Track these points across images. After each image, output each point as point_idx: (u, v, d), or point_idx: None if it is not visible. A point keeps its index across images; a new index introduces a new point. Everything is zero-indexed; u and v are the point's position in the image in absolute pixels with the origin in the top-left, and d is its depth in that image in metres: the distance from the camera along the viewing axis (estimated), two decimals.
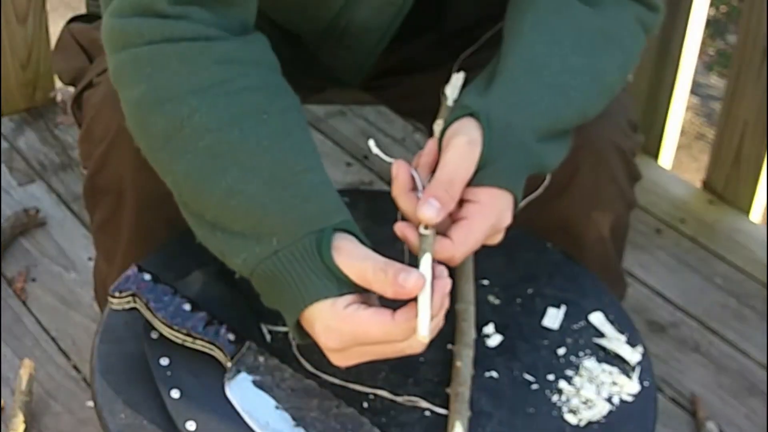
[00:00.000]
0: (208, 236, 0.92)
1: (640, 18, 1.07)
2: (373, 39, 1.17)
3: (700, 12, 2.16)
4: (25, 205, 2.06)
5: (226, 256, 0.91)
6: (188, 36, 0.94)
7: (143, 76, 0.93)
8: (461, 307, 0.99)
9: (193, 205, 0.93)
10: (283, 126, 0.94)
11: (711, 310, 1.95)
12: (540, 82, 0.99)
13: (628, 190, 1.20)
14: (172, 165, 0.93)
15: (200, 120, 0.91)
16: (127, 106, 0.96)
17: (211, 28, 0.95)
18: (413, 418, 0.90)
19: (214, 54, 0.94)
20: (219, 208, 0.90)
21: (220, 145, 0.91)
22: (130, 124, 0.96)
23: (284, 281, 0.87)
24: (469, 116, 0.94)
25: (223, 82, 0.93)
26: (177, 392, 0.89)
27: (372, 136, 2.39)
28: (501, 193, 0.92)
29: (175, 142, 0.92)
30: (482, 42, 1.18)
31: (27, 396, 1.62)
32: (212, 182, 0.90)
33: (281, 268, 0.87)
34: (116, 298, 0.93)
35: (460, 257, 0.90)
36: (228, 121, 0.92)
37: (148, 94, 0.93)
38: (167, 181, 0.95)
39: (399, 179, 0.93)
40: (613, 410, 0.93)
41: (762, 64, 2.06)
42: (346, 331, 0.85)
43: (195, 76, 0.93)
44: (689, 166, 2.60)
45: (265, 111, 0.93)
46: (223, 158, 0.91)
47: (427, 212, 0.88)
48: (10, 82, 2.33)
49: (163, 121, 0.92)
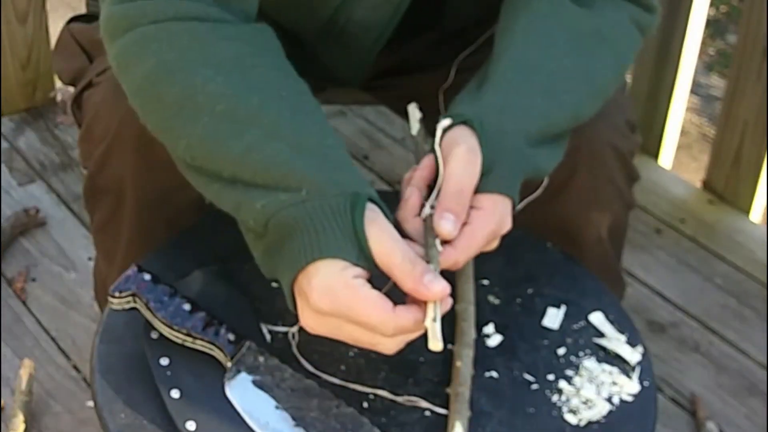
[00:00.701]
0: (224, 190, 0.88)
1: (635, 19, 1.07)
2: (371, 38, 1.17)
3: (700, 12, 2.16)
4: (25, 205, 2.06)
5: (242, 206, 0.87)
6: (196, 15, 0.92)
7: (150, 51, 0.91)
8: (461, 307, 0.99)
9: (209, 166, 0.89)
10: (301, 105, 0.91)
11: (711, 310, 1.95)
12: (531, 86, 0.98)
13: (626, 190, 1.21)
14: (186, 129, 0.89)
15: (216, 88, 0.89)
16: (135, 82, 0.93)
17: (215, 8, 0.93)
18: (413, 418, 0.90)
19: (225, 32, 0.92)
20: (239, 164, 0.87)
21: (237, 110, 0.88)
22: (136, 100, 0.93)
23: (304, 229, 0.83)
24: (463, 124, 0.94)
25: (237, 57, 0.91)
26: (177, 392, 0.89)
27: (372, 136, 2.39)
28: (501, 198, 0.92)
29: (189, 108, 0.89)
30: (481, 42, 1.18)
31: (27, 396, 1.62)
32: (231, 142, 0.87)
33: (306, 216, 0.83)
34: (116, 298, 0.93)
35: (463, 262, 0.91)
36: (245, 89, 0.89)
37: (158, 67, 0.91)
38: (178, 146, 0.90)
39: (410, 203, 0.92)
40: (613, 410, 0.93)
41: (762, 64, 2.06)
42: (343, 299, 0.82)
43: (207, 51, 0.91)
44: (689, 166, 2.60)
45: (282, 88, 0.91)
46: (242, 121, 0.87)
47: (446, 227, 0.88)
48: (10, 82, 2.33)
49: (175, 90, 0.90)
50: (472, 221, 0.91)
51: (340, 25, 1.15)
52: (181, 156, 0.91)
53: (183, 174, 0.92)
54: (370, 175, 2.26)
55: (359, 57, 1.20)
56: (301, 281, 0.84)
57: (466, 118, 0.94)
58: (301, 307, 0.85)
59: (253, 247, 0.88)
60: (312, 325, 0.85)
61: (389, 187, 2.23)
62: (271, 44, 0.96)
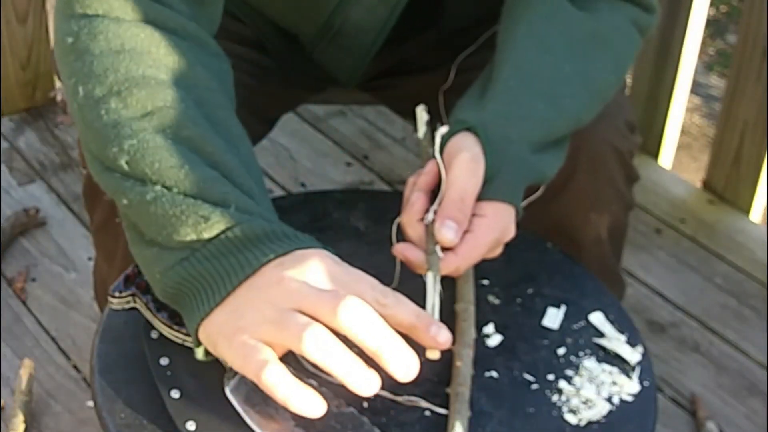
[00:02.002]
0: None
1: (634, 20, 1.07)
2: (367, 39, 1.17)
3: (700, 12, 2.16)
4: (25, 205, 2.07)
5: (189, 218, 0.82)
6: (173, 28, 0.91)
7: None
8: (461, 307, 0.99)
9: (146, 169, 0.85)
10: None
11: (711, 310, 1.95)
12: (534, 92, 0.99)
13: (625, 191, 1.21)
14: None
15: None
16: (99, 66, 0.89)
17: (192, 22, 0.92)
18: (413, 418, 0.90)
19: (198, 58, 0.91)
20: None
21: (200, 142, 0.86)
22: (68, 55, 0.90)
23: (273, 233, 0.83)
24: (466, 131, 0.94)
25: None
26: (177, 392, 0.89)
27: (372, 136, 2.39)
28: (504, 206, 0.92)
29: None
30: (481, 42, 1.18)
31: (27, 396, 1.62)
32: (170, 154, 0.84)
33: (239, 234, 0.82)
34: (116, 298, 0.93)
35: (464, 269, 0.91)
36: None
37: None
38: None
39: (414, 208, 0.92)
40: (613, 410, 0.93)
41: (762, 64, 2.06)
42: (341, 272, 0.81)
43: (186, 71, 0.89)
44: (689, 166, 2.60)
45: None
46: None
47: (448, 235, 0.88)
48: (10, 82, 2.33)
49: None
50: (475, 229, 0.91)
51: (337, 26, 1.15)
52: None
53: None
54: (370, 175, 2.26)
55: (357, 58, 1.20)
56: (285, 267, 0.81)
57: (470, 125, 0.94)
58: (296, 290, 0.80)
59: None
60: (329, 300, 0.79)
61: (389, 187, 2.23)
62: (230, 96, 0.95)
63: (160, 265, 0.84)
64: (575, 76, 1.01)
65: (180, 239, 0.82)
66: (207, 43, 0.94)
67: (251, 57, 1.24)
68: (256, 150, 0.96)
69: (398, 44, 1.22)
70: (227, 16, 1.24)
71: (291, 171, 2.25)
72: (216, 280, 0.81)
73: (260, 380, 0.78)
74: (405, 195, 0.96)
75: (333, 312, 0.77)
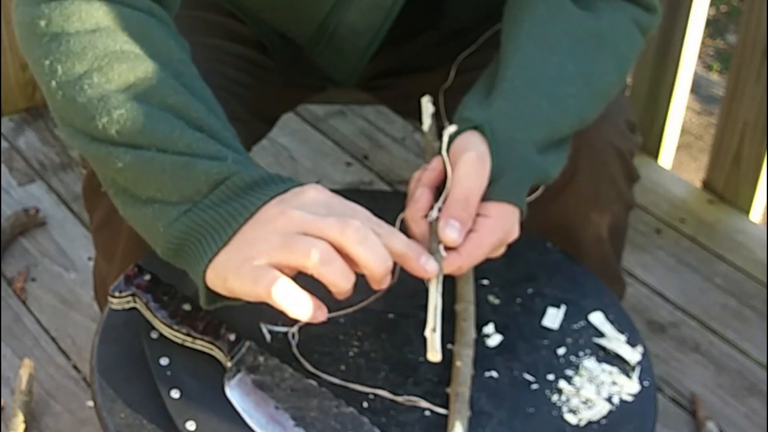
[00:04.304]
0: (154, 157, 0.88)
1: (636, 19, 1.07)
2: (363, 41, 1.17)
3: (700, 11, 2.16)
4: (25, 205, 2.07)
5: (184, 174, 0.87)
6: (138, 6, 0.93)
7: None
8: (461, 307, 0.99)
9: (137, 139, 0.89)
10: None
11: (711, 310, 1.95)
12: (539, 92, 0.98)
13: (626, 191, 1.21)
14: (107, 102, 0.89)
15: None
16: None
17: (155, 4, 0.95)
18: (413, 418, 0.90)
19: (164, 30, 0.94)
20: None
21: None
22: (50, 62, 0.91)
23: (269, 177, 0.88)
24: (473, 129, 0.94)
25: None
26: (177, 392, 0.89)
27: (372, 136, 2.39)
28: (510, 207, 0.92)
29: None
30: (480, 42, 1.18)
31: (27, 396, 1.63)
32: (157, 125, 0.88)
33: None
34: (116, 298, 0.93)
35: (467, 268, 0.91)
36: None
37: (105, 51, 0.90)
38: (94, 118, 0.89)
39: (419, 204, 0.93)
40: (613, 410, 0.93)
41: (762, 64, 2.06)
42: (338, 203, 0.86)
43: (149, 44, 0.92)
44: (689, 166, 2.60)
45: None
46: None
47: (451, 234, 0.89)
48: (10, 82, 2.33)
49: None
50: (479, 229, 0.91)
51: (331, 30, 1.16)
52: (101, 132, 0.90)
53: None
54: (370, 175, 2.26)
55: (353, 60, 1.20)
56: (281, 205, 0.86)
57: (477, 124, 0.94)
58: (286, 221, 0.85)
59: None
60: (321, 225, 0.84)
61: (389, 187, 2.23)
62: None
63: (163, 220, 0.87)
64: (579, 75, 1.01)
65: (181, 193, 0.86)
66: (170, 23, 0.97)
67: (251, 57, 1.24)
68: (256, 150, 0.97)
69: (398, 45, 1.22)
70: (227, 16, 1.25)
71: (291, 171, 2.25)
72: (221, 223, 0.85)
73: (271, 295, 0.82)
74: (410, 190, 0.96)
75: (341, 232, 0.82)
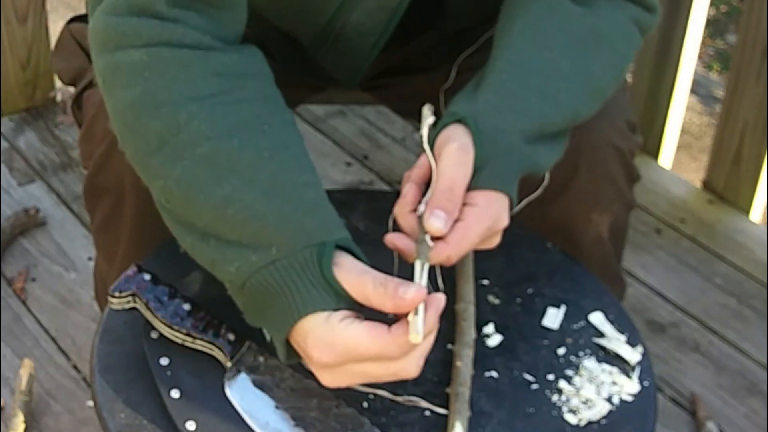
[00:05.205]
0: (198, 245, 0.89)
1: (635, 18, 1.07)
2: (368, 43, 1.17)
3: (700, 11, 2.16)
4: (25, 205, 2.07)
5: (216, 265, 0.88)
6: (187, 43, 0.92)
7: (140, 78, 0.91)
8: (461, 307, 0.99)
9: (184, 212, 0.90)
10: (281, 139, 0.92)
11: (711, 310, 1.95)
12: (528, 86, 0.98)
13: (626, 191, 1.21)
14: (164, 170, 0.90)
15: (198, 127, 0.89)
16: (118, 107, 0.93)
17: (207, 36, 0.93)
18: (413, 418, 0.90)
19: (212, 64, 0.92)
20: (214, 216, 0.88)
21: (218, 154, 0.89)
22: (117, 125, 0.93)
23: (279, 292, 0.85)
24: (457, 122, 0.95)
25: (222, 92, 0.91)
26: (177, 392, 0.89)
27: (372, 136, 2.39)
28: (497, 195, 0.92)
29: (170, 146, 0.89)
30: (481, 43, 1.18)
31: (27, 396, 1.62)
32: (209, 190, 0.88)
33: (278, 278, 0.85)
34: (116, 298, 0.93)
35: (456, 258, 0.90)
36: (227, 130, 0.90)
37: (144, 96, 0.91)
38: (154, 186, 0.92)
39: (406, 199, 0.93)
40: (613, 410, 0.93)
41: (762, 64, 2.06)
42: (339, 344, 0.83)
43: (194, 84, 0.91)
44: (689, 166, 2.60)
45: (265, 122, 0.92)
46: (221, 167, 0.88)
47: (436, 224, 0.88)
48: (10, 82, 2.33)
49: (158, 124, 0.90)
50: (466, 217, 0.90)
51: (336, 30, 1.15)
52: (157, 196, 0.92)
53: (161, 214, 0.93)
54: (370, 175, 2.26)
55: (357, 60, 1.20)
56: (296, 341, 0.86)
57: (460, 117, 0.94)
58: (313, 369, 0.86)
59: (235, 298, 0.89)
60: (331, 382, 0.86)
61: (389, 187, 2.23)
62: (260, 71, 0.96)
63: (245, 265, 0.87)
64: (572, 71, 1.01)
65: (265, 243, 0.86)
66: (219, 48, 0.94)
67: None
68: None
69: (400, 45, 1.22)
70: None
71: None
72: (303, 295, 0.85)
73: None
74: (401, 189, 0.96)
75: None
